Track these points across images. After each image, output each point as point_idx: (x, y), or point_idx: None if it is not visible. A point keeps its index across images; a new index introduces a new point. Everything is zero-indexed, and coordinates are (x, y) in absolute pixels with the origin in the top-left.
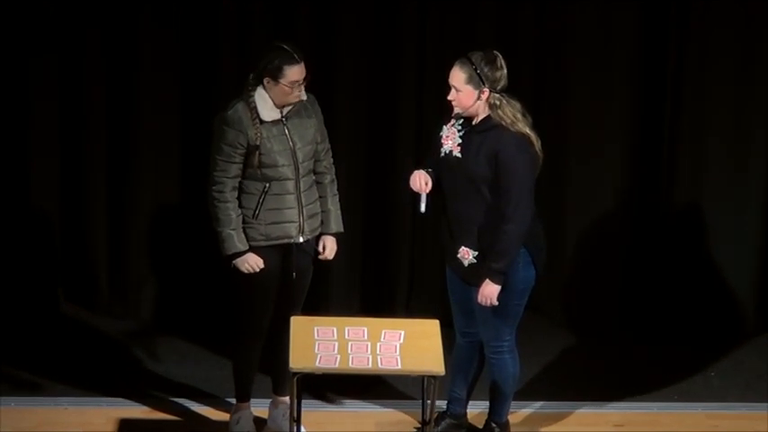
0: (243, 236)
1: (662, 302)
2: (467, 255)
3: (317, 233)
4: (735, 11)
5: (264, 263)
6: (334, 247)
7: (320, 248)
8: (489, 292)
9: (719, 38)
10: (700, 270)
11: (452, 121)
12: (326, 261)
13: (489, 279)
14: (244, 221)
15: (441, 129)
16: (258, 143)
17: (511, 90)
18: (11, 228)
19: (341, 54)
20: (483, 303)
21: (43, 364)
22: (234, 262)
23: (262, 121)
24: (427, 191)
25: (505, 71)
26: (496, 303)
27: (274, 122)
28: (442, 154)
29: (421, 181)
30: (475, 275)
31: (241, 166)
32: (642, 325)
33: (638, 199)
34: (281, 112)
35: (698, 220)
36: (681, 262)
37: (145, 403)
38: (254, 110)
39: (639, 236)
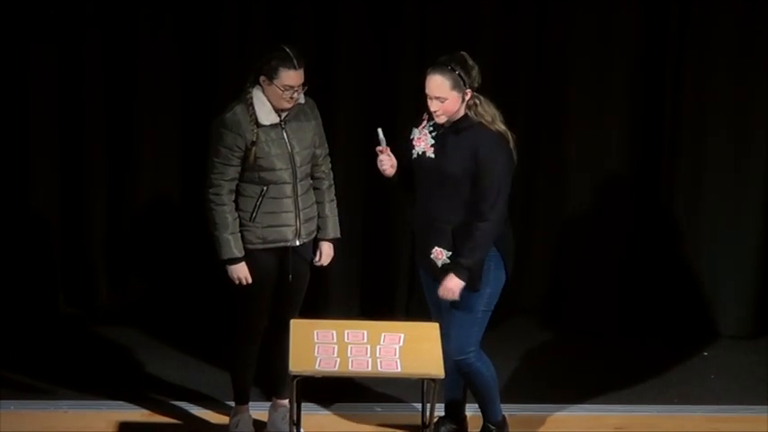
0: (240, 242)
1: (661, 304)
2: (440, 255)
3: (313, 236)
4: (735, 11)
5: (261, 266)
6: (331, 253)
7: (316, 255)
8: (454, 285)
9: (719, 38)
10: (699, 272)
11: (424, 123)
12: (323, 266)
13: (454, 273)
14: (241, 224)
15: (411, 132)
16: (255, 145)
17: (511, 89)
18: (10, 230)
19: (341, 55)
20: (444, 297)
21: (43, 368)
22: (227, 267)
23: (260, 124)
24: (386, 162)
25: (477, 68)
26: (457, 299)
27: (273, 126)
28: (414, 155)
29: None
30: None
31: (239, 169)
32: (641, 327)
33: (637, 199)
34: (280, 116)
35: (697, 220)
36: (680, 264)
37: (144, 406)
38: (252, 112)
39: (639, 236)
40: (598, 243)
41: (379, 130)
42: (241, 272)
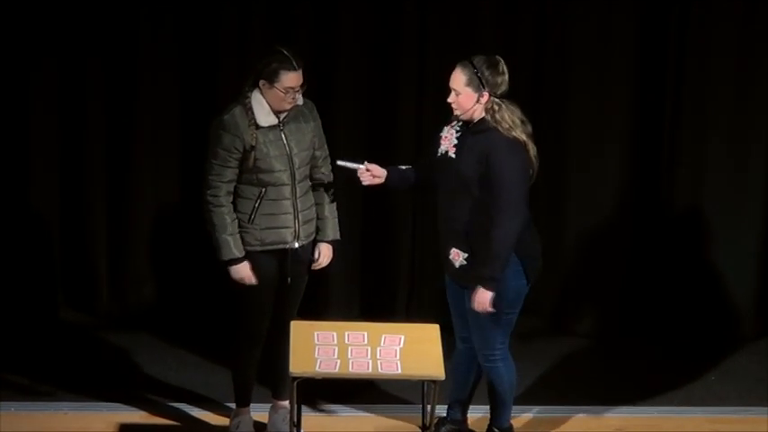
0: (240, 242)
1: (662, 306)
2: (457, 256)
3: (312, 238)
4: (735, 11)
5: (260, 268)
6: (330, 255)
7: (315, 255)
8: (482, 298)
9: (719, 38)
10: (699, 273)
11: (453, 123)
12: (322, 267)
13: (481, 285)
14: (239, 226)
15: (441, 129)
16: (254, 147)
17: (511, 90)
18: (10, 231)
19: (341, 55)
20: (478, 310)
21: (43, 369)
22: (228, 268)
23: (258, 126)
24: (372, 181)
25: (507, 77)
26: (491, 310)
27: (271, 127)
28: (438, 154)
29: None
30: (465, 277)
31: (237, 170)
32: (642, 329)
33: (637, 200)
34: (278, 118)
35: (698, 221)
36: (680, 265)
37: (144, 408)
38: (251, 114)
39: (639, 238)
40: (598, 244)
41: (340, 162)
42: (243, 272)
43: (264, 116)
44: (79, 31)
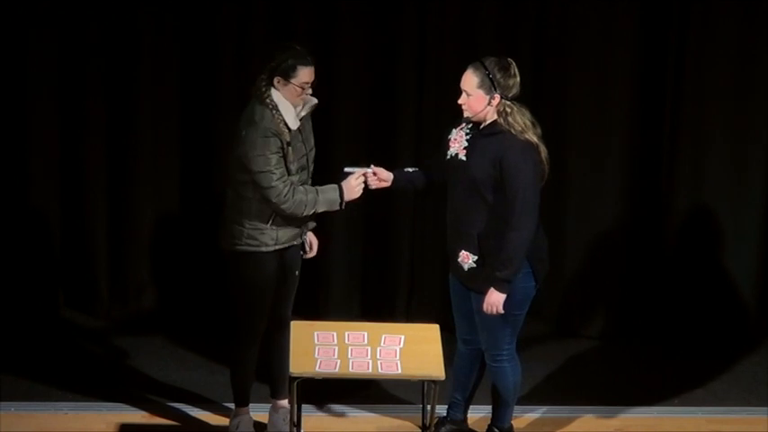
0: (326, 187)
1: (662, 307)
2: (467, 259)
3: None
4: (735, 11)
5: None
6: (316, 242)
7: (307, 247)
8: (494, 300)
9: (719, 38)
10: (700, 274)
11: (462, 125)
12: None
13: (494, 287)
14: (257, 227)
15: (450, 132)
16: (289, 144)
17: None
18: (10, 231)
19: (341, 55)
20: (488, 312)
21: (43, 369)
22: (346, 201)
23: (289, 129)
24: (379, 185)
25: (518, 79)
26: (502, 312)
27: (296, 130)
28: (448, 156)
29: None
30: (474, 280)
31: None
32: (643, 329)
33: (638, 201)
34: (298, 117)
35: (699, 222)
36: (681, 266)
37: (144, 408)
38: (277, 114)
39: (640, 239)
40: (597, 245)
41: (347, 169)
42: (351, 189)
43: (292, 119)
44: (79, 31)
